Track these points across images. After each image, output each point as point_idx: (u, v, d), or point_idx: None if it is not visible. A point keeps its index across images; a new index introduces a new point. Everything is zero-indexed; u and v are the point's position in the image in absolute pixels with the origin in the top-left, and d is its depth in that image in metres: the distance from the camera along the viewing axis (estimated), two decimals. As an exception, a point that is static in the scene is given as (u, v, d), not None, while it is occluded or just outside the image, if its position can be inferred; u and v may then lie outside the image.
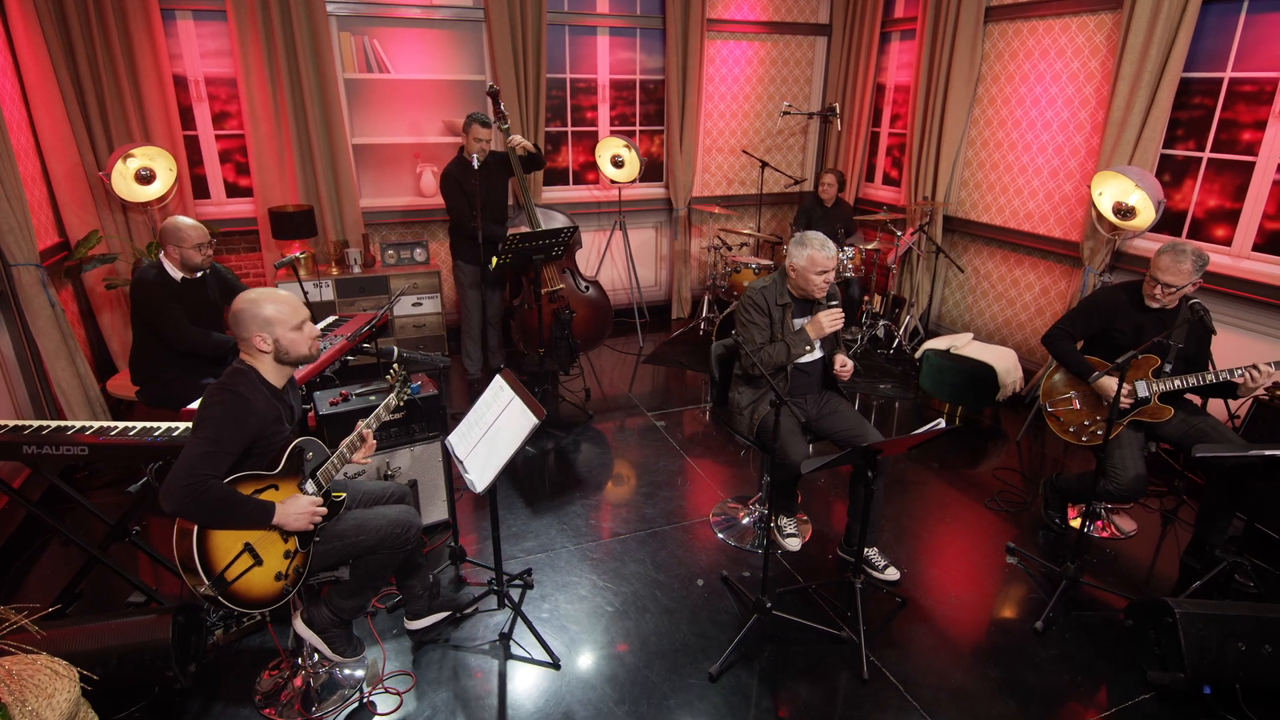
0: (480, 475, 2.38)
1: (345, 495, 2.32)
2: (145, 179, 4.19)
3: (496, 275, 4.48)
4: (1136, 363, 3.01)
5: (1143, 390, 3.00)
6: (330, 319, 3.83)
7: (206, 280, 3.31)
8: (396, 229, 5.44)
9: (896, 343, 5.53)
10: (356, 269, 5.02)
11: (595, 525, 3.43)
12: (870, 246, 5.33)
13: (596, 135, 5.87)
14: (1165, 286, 2.86)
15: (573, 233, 4.27)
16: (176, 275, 3.20)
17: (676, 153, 5.85)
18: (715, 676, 2.52)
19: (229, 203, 5.02)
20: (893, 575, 3.06)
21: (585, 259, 5.95)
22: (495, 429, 2.44)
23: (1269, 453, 2.50)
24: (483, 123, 4.11)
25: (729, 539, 3.34)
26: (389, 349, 2.53)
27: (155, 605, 2.70)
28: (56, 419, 3.64)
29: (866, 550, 3.06)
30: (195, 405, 2.86)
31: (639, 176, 5.58)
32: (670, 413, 4.63)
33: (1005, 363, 4.42)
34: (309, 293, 4.02)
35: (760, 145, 6.35)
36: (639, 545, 3.28)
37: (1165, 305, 2.93)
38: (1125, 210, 3.83)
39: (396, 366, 2.56)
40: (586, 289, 4.79)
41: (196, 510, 1.94)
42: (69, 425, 2.56)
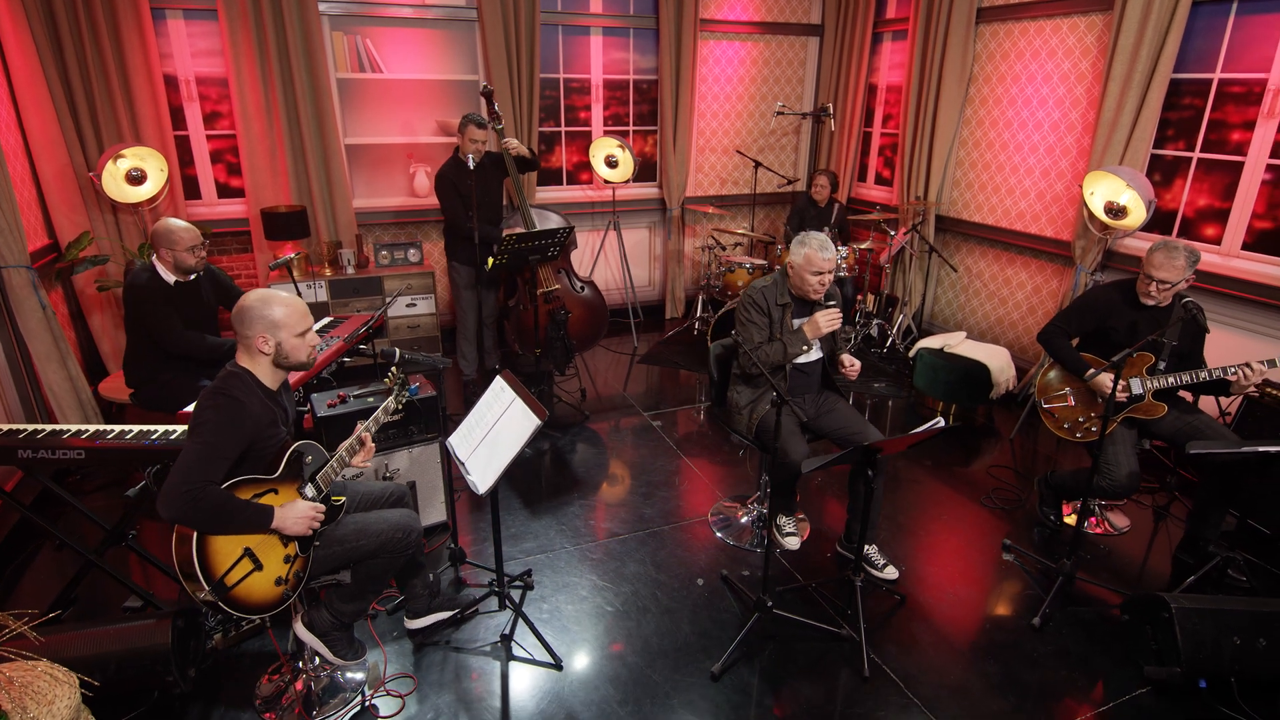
0: (482, 477, 2.38)
1: (345, 498, 2.31)
2: (136, 179, 4.15)
3: (492, 276, 4.47)
4: (1131, 360, 3.04)
5: (1137, 387, 3.03)
6: (326, 320, 3.81)
7: (200, 282, 3.28)
8: (390, 229, 5.42)
9: (890, 341, 5.56)
10: (350, 270, 5.00)
11: (594, 525, 3.43)
12: (864, 246, 5.36)
13: (590, 135, 5.86)
14: (1160, 283, 2.89)
15: (569, 233, 4.27)
16: (170, 278, 3.16)
17: (670, 153, 5.85)
18: (718, 675, 2.53)
19: (220, 203, 4.98)
20: (891, 573, 3.08)
21: (579, 259, 5.95)
22: (497, 430, 2.44)
23: (1263, 449, 2.54)
24: (478, 124, 4.10)
25: (727, 538, 3.35)
26: (391, 351, 2.51)
27: (152, 610, 2.68)
28: (47, 422, 3.61)
29: (865, 548, 3.07)
30: (192, 408, 2.85)
31: (633, 176, 5.58)
32: (666, 412, 4.64)
33: (998, 361, 4.46)
34: (303, 294, 4.00)
35: (753, 145, 6.36)
36: (638, 545, 3.28)
37: (1160, 302, 2.96)
38: (1117, 210, 3.86)
39: (395, 369, 2.54)
40: (582, 289, 4.79)
41: (195, 516, 1.93)
42: (64, 429, 2.54)
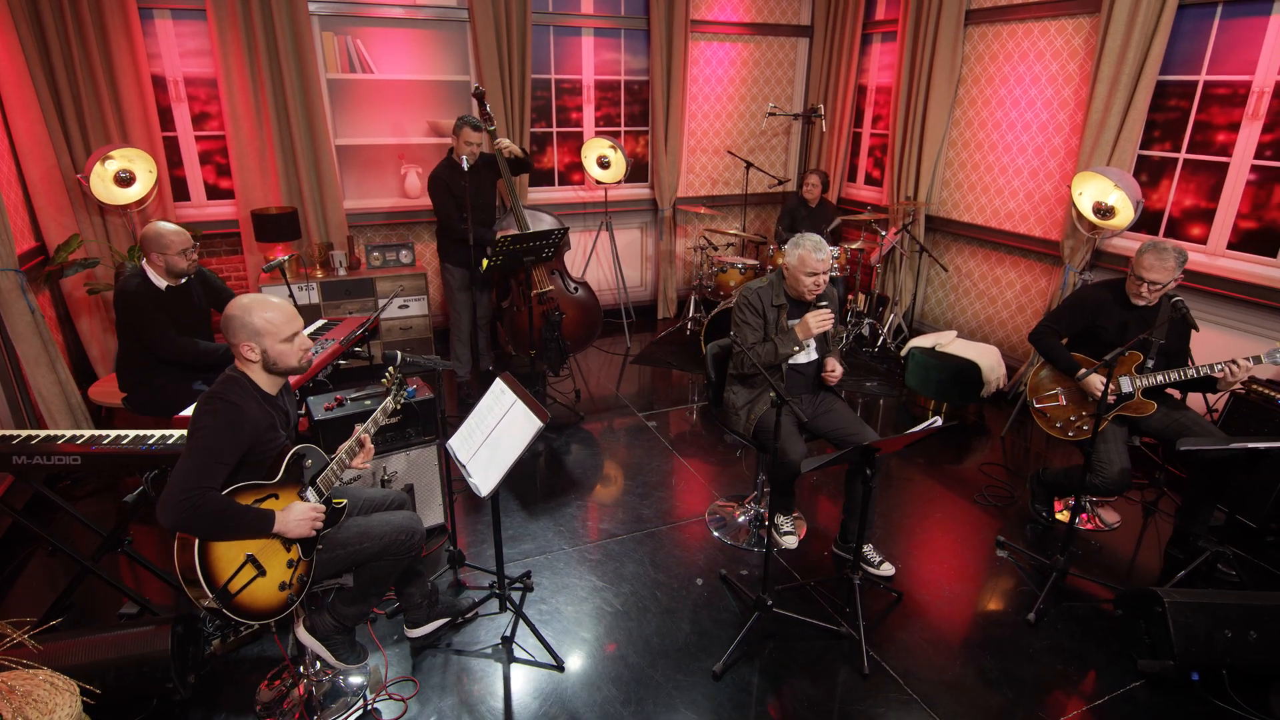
0: (484, 479, 2.38)
1: (346, 502, 2.31)
2: (125, 181, 4.10)
3: (485, 277, 4.46)
4: (1121, 359, 3.08)
5: (1126, 386, 3.08)
6: (320, 322, 3.79)
7: (191, 286, 3.24)
8: (381, 231, 5.39)
9: (881, 341, 5.61)
10: (342, 271, 4.97)
11: (592, 526, 3.44)
12: (854, 246, 5.39)
13: (582, 136, 5.86)
14: (1150, 284, 2.94)
15: (563, 234, 4.27)
16: (161, 283, 3.12)
17: (661, 153, 5.87)
18: (719, 674, 2.54)
19: (210, 205, 4.94)
20: (888, 571, 3.10)
21: (571, 260, 5.95)
22: (498, 432, 2.44)
23: (1251, 446, 2.59)
24: (474, 126, 4.09)
25: (724, 537, 3.36)
26: (392, 354, 2.50)
27: (150, 616, 2.65)
28: (36, 427, 3.57)
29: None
30: (188, 412, 2.82)
31: (625, 177, 5.59)
32: (660, 413, 4.65)
33: (989, 360, 4.50)
34: (295, 297, 3.96)
35: (744, 146, 6.39)
36: (636, 545, 3.29)
37: (1150, 302, 3.01)
38: (1105, 210, 3.92)
39: (391, 370, 2.53)
40: (575, 290, 4.79)
41: (195, 523, 1.91)
42: (59, 435, 2.51)
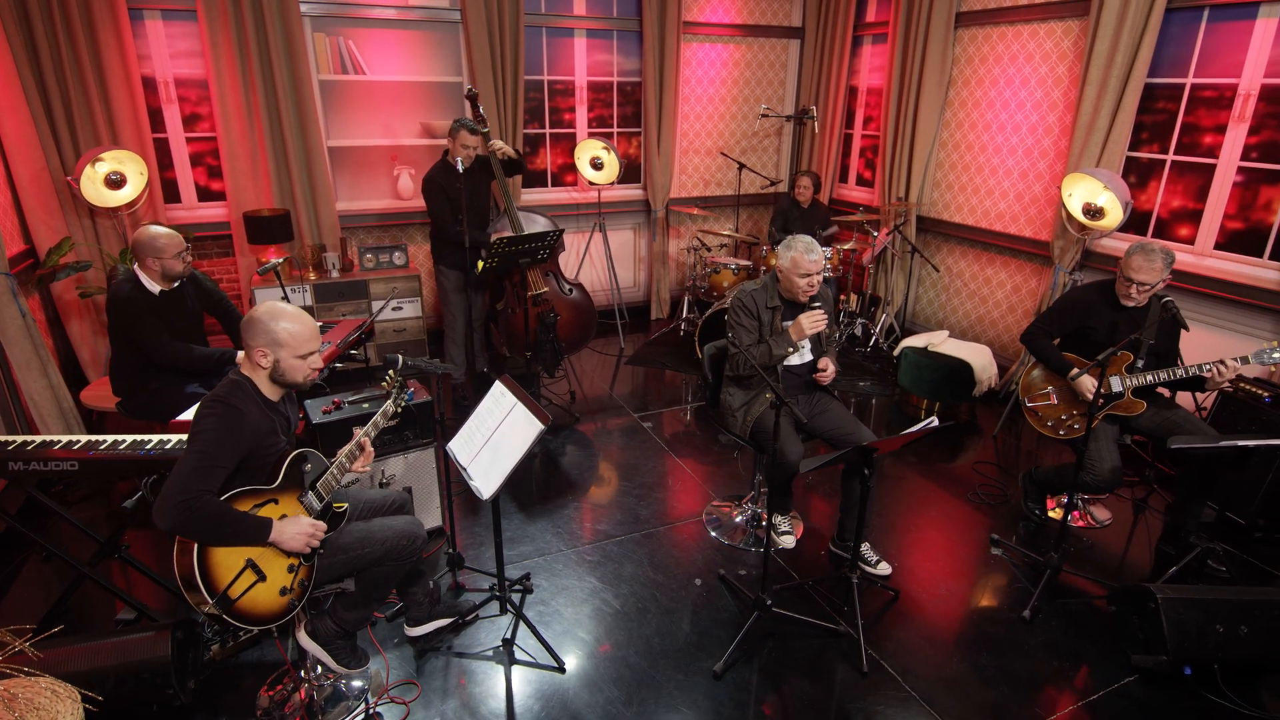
0: (486, 482, 2.38)
1: (347, 506, 2.30)
2: (115, 183, 4.07)
3: (480, 279, 4.46)
4: (1112, 359, 3.12)
5: (1117, 385, 3.12)
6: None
7: (184, 289, 3.21)
8: (374, 232, 5.37)
9: (873, 340, 5.65)
10: (335, 273, 4.95)
11: (590, 528, 3.45)
12: (846, 247, 5.43)
13: (575, 137, 5.86)
14: (1140, 285, 2.98)
15: (558, 236, 4.28)
16: (154, 288, 3.08)
17: (654, 154, 5.88)
18: (720, 674, 2.56)
19: (201, 207, 4.90)
20: (885, 569, 3.13)
21: (564, 261, 5.92)
22: (499, 435, 2.44)
23: (1241, 444, 2.63)
24: (471, 130, 4.09)
25: (721, 537, 3.38)
26: (393, 357, 2.51)
27: (148, 622, 2.64)
28: (27, 432, 3.53)
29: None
30: (185, 416, 2.81)
31: (618, 178, 5.59)
32: (654, 413, 4.66)
33: (981, 359, 4.55)
34: (289, 299, 3.95)
35: (736, 147, 6.41)
36: (635, 546, 3.30)
37: (1139, 303, 3.06)
38: (1094, 211, 3.96)
39: (391, 373, 2.53)
40: (570, 291, 4.79)
41: (192, 526, 1.91)
42: (55, 440, 2.49)
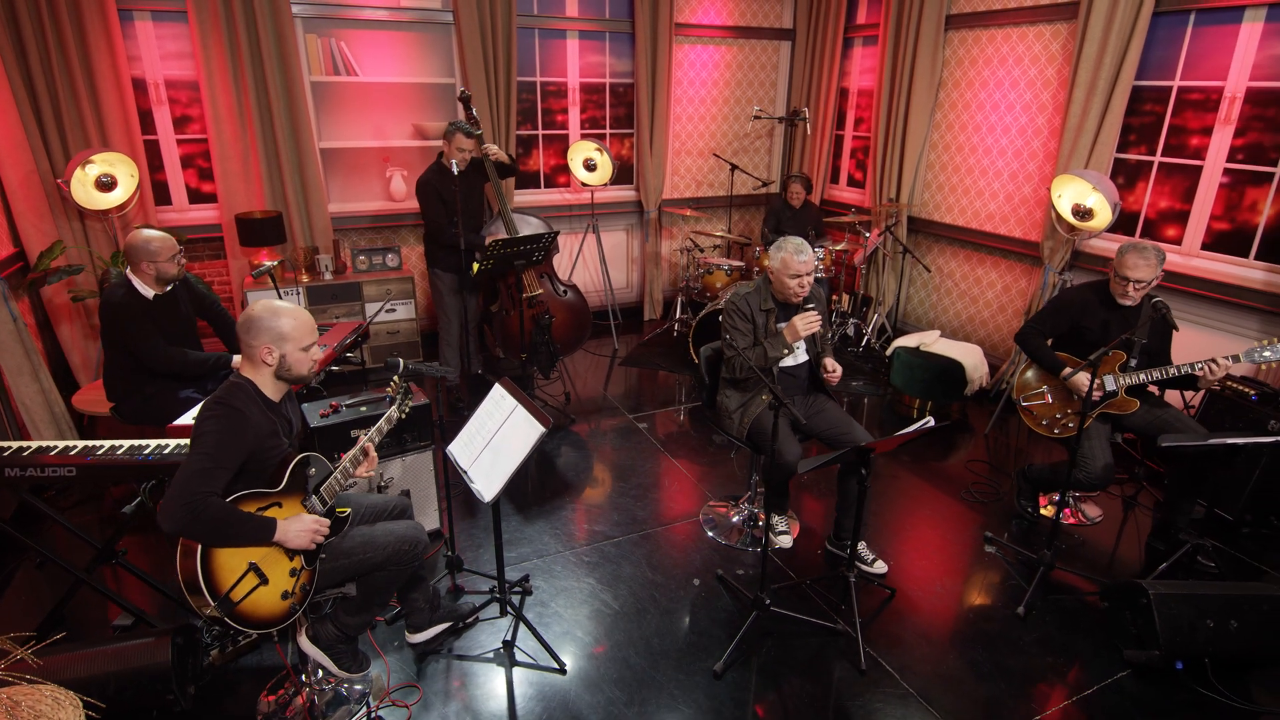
0: (487, 485, 2.39)
1: (350, 510, 2.30)
2: (106, 186, 4.03)
3: (474, 281, 4.46)
4: (1105, 359, 3.17)
5: (1111, 384, 3.17)
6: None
7: (177, 293, 3.19)
8: (367, 234, 5.36)
9: (865, 340, 5.69)
10: (328, 276, 4.92)
11: (587, 529, 3.45)
12: (838, 247, 5.46)
13: (567, 139, 5.87)
14: (1136, 283, 3.03)
15: (553, 238, 4.28)
16: (148, 292, 3.06)
17: (647, 155, 5.89)
18: (720, 673, 2.58)
19: (192, 209, 4.87)
20: (881, 568, 3.16)
21: (557, 262, 5.93)
22: (500, 438, 2.45)
23: (1230, 442, 2.68)
24: (466, 132, 4.09)
25: (719, 537, 3.40)
26: (395, 361, 2.50)
27: (145, 627, 2.63)
28: (19, 437, 3.50)
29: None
30: (182, 420, 2.80)
31: (611, 179, 5.60)
32: (649, 414, 4.68)
33: (972, 359, 4.60)
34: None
35: (728, 148, 6.44)
36: (633, 547, 3.32)
37: (1135, 301, 3.10)
38: (1083, 212, 4.01)
39: (397, 379, 2.53)
40: (564, 293, 4.80)
41: (197, 529, 1.91)
42: (51, 445, 2.47)
